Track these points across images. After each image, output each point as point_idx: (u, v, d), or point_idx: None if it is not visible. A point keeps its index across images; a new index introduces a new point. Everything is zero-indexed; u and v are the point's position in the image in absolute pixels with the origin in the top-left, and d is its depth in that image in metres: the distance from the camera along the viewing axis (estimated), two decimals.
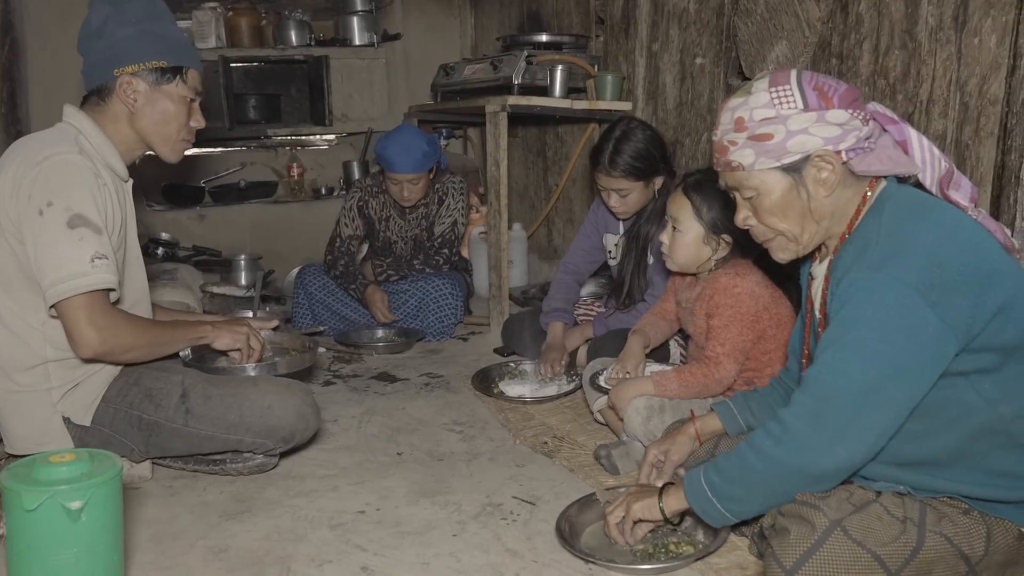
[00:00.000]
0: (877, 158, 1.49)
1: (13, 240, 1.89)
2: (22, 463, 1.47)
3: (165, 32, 2.05)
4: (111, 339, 1.89)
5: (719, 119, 1.56)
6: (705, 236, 2.18)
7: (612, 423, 2.40)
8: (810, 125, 1.46)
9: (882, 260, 1.37)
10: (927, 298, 1.32)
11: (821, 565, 1.34)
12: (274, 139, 5.08)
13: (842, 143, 1.46)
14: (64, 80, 3.59)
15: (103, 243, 1.88)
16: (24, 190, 1.86)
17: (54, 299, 1.84)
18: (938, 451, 1.43)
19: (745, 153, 1.50)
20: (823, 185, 1.49)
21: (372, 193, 3.70)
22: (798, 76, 1.49)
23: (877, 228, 1.44)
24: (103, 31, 2.00)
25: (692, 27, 3.15)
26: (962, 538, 1.40)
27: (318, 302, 3.63)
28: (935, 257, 1.35)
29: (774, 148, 1.48)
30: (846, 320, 1.38)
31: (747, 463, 1.46)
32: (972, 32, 2.03)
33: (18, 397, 1.98)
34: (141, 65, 2.01)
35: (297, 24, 4.91)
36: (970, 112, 2.06)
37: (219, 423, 2.06)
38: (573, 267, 3.08)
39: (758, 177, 1.51)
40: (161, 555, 1.81)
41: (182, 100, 2.07)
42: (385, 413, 2.72)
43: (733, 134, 1.52)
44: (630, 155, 2.65)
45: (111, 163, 2.04)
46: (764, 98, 1.48)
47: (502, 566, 1.76)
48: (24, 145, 1.96)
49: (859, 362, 1.36)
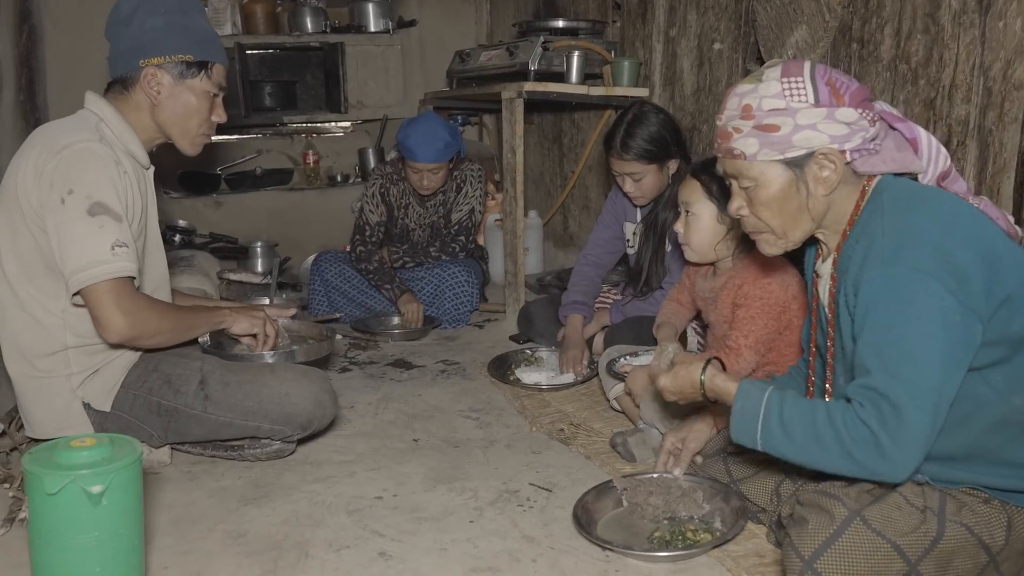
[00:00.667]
0: (881, 159, 1.47)
1: (35, 227, 1.90)
2: (43, 448, 1.49)
3: (194, 25, 2.06)
4: (139, 324, 1.91)
5: (725, 103, 1.53)
6: (719, 215, 2.15)
7: (629, 410, 2.40)
8: (819, 121, 1.43)
9: (893, 253, 1.35)
10: (947, 285, 1.30)
11: (840, 555, 1.33)
12: (290, 126, 5.09)
13: (848, 143, 1.44)
14: (81, 67, 3.61)
15: (123, 231, 1.89)
16: (45, 178, 1.87)
17: (77, 286, 1.86)
18: (955, 446, 1.41)
19: (749, 142, 1.47)
20: (823, 184, 1.46)
21: (392, 180, 3.70)
22: (812, 69, 1.46)
23: (880, 222, 1.42)
24: (132, 19, 2.00)
25: (710, 12, 3.13)
26: (983, 527, 1.39)
27: (334, 289, 3.64)
28: (941, 246, 1.33)
29: (779, 140, 1.45)
30: (881, 323, 1.34)
31: (822, 441, 1.37)
32: (996, 15, 2.00)
33: (39, 383, 2.01)
34: (167, 58, 2.01)
35: (312, 11, 4.90)
36: (994, 97, 2.03)
37: (237, 409, 2.08)
38: (594, 259, 3.06)
39: (759, 168, 1.48)
40: (180, 539, 1.83)
41: (205, 95, 2.08)
42: (401, 400, 2.73)
43: (739, 121, 1.48)
44: (642, 138, 2.64)
45: (132, 151, 2.04)
46: (775, 87, 1.45)
47: (519, 552, 1.76)
48: (45, 133, 1.97)
49: (912, 365, 1.31)
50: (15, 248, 1.94)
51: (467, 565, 1.72)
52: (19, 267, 1.95)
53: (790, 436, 1.42)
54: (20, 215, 1.91)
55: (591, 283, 3.04)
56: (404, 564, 1.72)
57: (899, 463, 1.33)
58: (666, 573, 1.68)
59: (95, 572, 1.45)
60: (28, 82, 2.92)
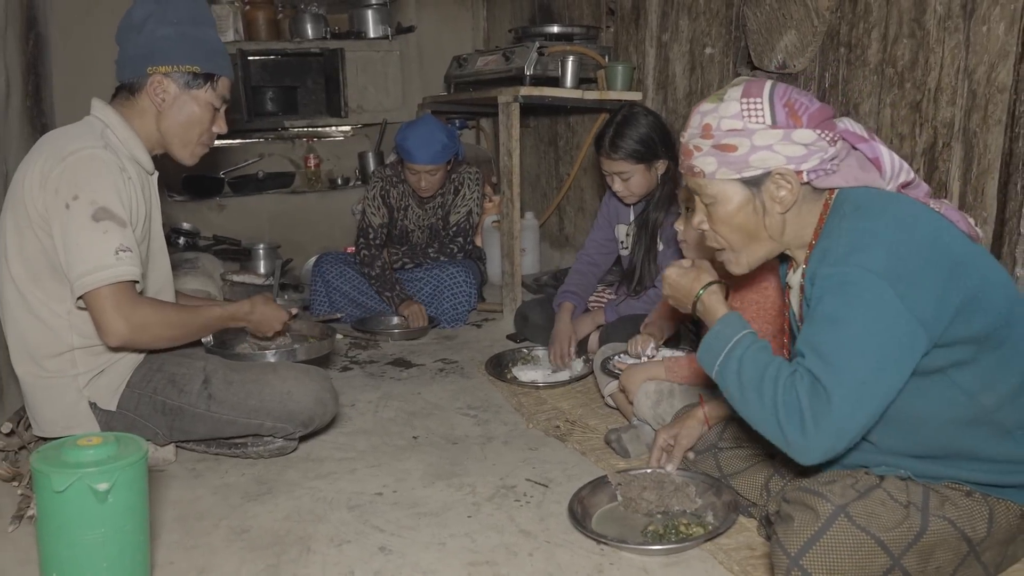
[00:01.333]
0: (842, 178, 1.47)
1: (41, 232, 1.93)
2: (51, 446, 1.51)
3: (204, 37, 2.08)
4: (139, 328, 1.93)
5: (689, 121, 1.54)
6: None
7: (623, 407, 2.43)
8: (775, 142, 1.44)
9: (846, 254, 1.36)
10: (896, 289, 1.31)
11: (825, 551, 1.35)
12: (291, 131, 5.13)
13: (804, 163, 1.45)
14: (87, 73, 3.65)
15: (127, 236, 1.91)
16: (51, 184, 1.89)
17: (81, 291, 1.88)
18: (932, 448, 1.44)
19: (708, 160, 1.49)
20: (779, 203, 1.48)
21: (392, 183, 3.74)
22: (771, 90, 1.47)
23: (838, 226, 1.43)
24: (143, 26, 2.03)
25: (702, 17, 3.17)
26: (965, 520, 1.41)
27: (335, 290, 3.68)
28: (896, 250, 1.34)
29: (736, 160, 1.46)
30: (825, 313, 1.36)
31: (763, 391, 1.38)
32: (980, 20, 2.04)
33: (46, 383, 2.04)
34: (175, 67, 2.04)
35: (313, 17, 4.94)
36: (978, 100, 2.07)
37: (240, 408, 2.11)
38: (589, 259, 3.11)
39: (717, 186, 1.50)
40: (185, 535, 1.85)
41: (208, 106, 2.10)
42: (401, 398, 2.76)
43: (699, 139, 1.50)
44: (631, 138, 2.70)
45: (137, 156, 2.07)
46: (734, 108, 1.46)
47: (516, 546, 1.79)
48: (51, 139, 2.00)
49: (848, 357, 1.32)
50: (22, 252, 1.97)
51: (465, 559, 1.74)
52: (25, 270, 1.97)
53: (740, 376, 1.43)
54: (27, 220, 1.93)
55: (585, 279, 3.09)
56: (404, 558, 1.75)
57: (812, 445, 1.33)
58: (659, 566, 1.70)
59: (102, 568, 1.47)
60: (35, 88, 2.96)
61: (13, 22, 2.65)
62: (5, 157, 2.41)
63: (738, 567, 1.67)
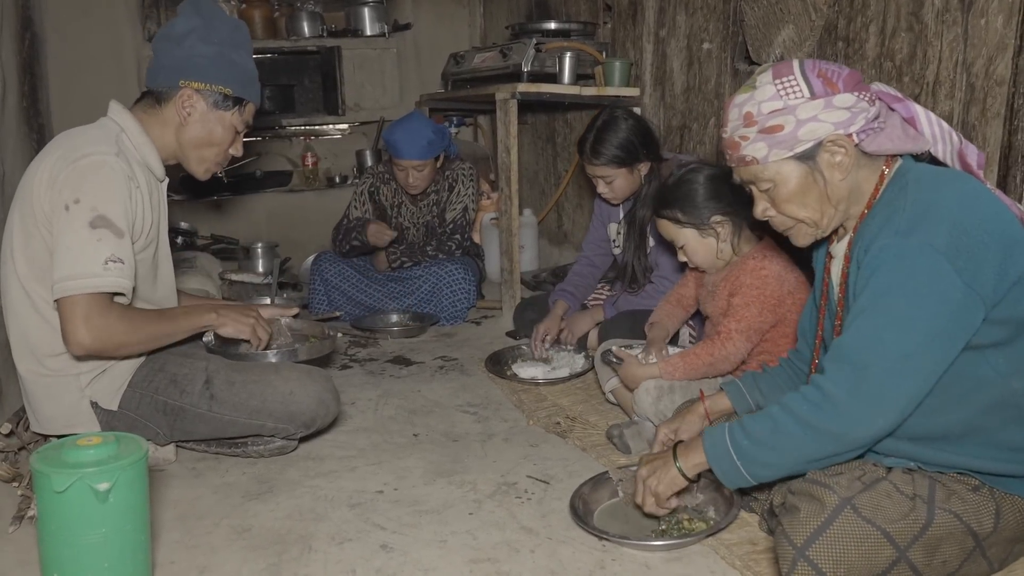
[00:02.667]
0: (888, 137, 1.50)
1: (45, 231, 1.93)
2: (51, 446, 1.51)
3: (241, 62, 2.11)
4: (103, 338, 1.88)
5: (726, 116, 1.57)
6: (701, 234, 2.22)
7: (623, 403, 2.43)
8: (819, 112, 1.47)
9: (910, 226, 1.38)
10: (955, 264, 1.33)
11: (831, 543, 1.35)
12: (288, 129, 5.13)
13: (852, 126, 1.47)
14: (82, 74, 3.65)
15: (122, 247, 1.89)
16: (58, 185, 1.89)
17: (58, 294, 1.85)
18: (950, 425, 1.44)
19: (758, 147, 1.51)
20: (838, 169, 1.50)
21: (383, 180, 3.75)
22: (800, 65, 1.50)
23: (903, 198, 1.44)
24: (184, 40, 2.04)
25: (699, 13, 3.17)
26: (971, 515, 1.41)
27: (334, 288, 3.68)
28: (960, 224, 1.36)
29: (786, 138, 1.49)
30: (878, 287, 1.38)
31: (782, 428, 1.45)
32: (979, 13, 2.04)
33: (48, 381, 2.03)
34: (208, 85, 2.06)
35: (309, 16, 4.94)
36: (976, 93, 2.07)
37: (242, 408, 2.11)
38: (587, 261, 3.13)
39: (773, 168, 1.52)
40: (186, 534, 1.85)
41: (231, 128, 2.13)
42: (401, 396, 2.76)
43: (743, 129, 1.53)
44: (612, 144, 2.72)
45: (149, 162, 2.08)
46: (770, 91, 1.49)
47: (517, 543, 1.79)
48: (65, 140, 1.99)
49: (894, 329, 1.36)
50: (27, 250, 1.96)
51: (467, 556, 1.74)
52: (30, 268, 1.97)
53: (760, 444, 1.48)
54: (33, 218, 1.93)
55: (583, 279, 3.09)
56: (406, 556, 1.75)
57: (860, 416, 1.37)
58: (662, 562, 1.70)
59: (103, 568, 1.47)
60: (31, 88, 2.95)
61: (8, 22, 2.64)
62: (2, 158, 2.40)
63: (740, 562, 1.68)
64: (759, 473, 1.52)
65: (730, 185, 2.16)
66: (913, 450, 1.47)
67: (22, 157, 2.62)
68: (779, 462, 1.49)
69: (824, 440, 1.42)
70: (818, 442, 1.43)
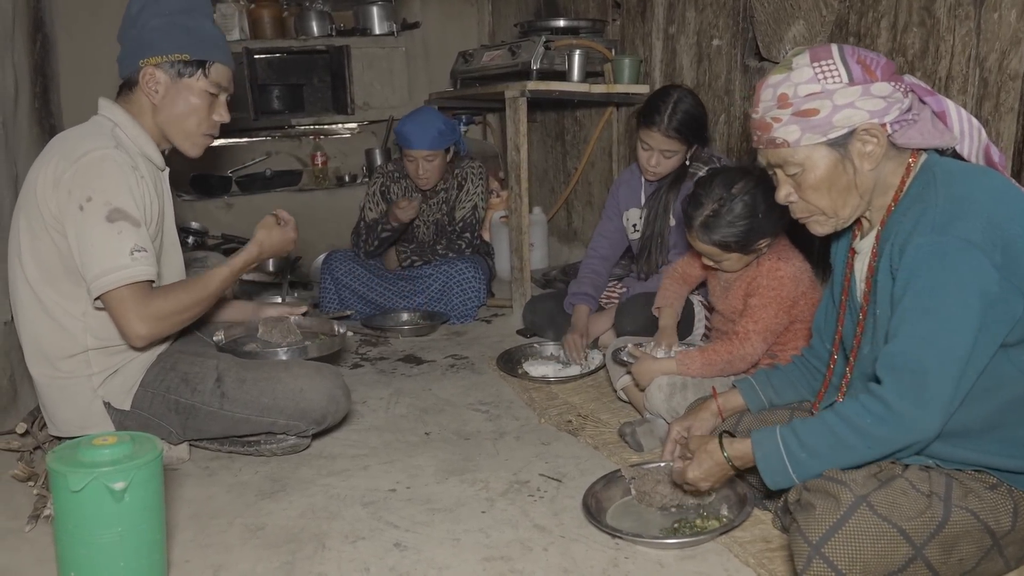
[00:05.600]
0: (919, 131, 1.49)
1: (55, 233, 1.94)
2: (67, 446, 1.52)
3: (194, 24, 2.05)
4: (155, 322, 1.94)
5: (758, 97, 1.54)
6: (745, 253, 2.20)
7: (635, 401, 2.43)
8: (856, 99, 1.45)
9: (945, 222, 1.37)
10: (991, 258, 1.33)
11: (847, 540, 1.35)
12: (298, 128, 5.13)
13: (887, 116, 1.46)
14: (94, 74, 3.66)
15: (141, 235, 1.92)
16: (64, 186, 1.90)
17: (98, 292, 1.88)
18: (970, 421, 1.43)
19: (790, 129, 1.49)
20: (868, 159, 1.48)
21: (394, 178, 3.76)
22: (840, 50, 1.48)
23: (934, 193, 1.43)
24: (137, 20, 2.03)
25: (708, 9, 3.16)
26: (988, 513, 1.40)
27: (345, 287, 3.69)
28: (993, 219, 1.35)
29: (820, 123, 1.47)
30: (922, 289, 1.37)
31: (844, 442, 1.43)
32: (991, 7, 2.03)
33: (61, 383, 2.05)
34: (164, 57, 2.02)
35: (318, 15, 4.94)
36: (990, 88, 2.06)
37: (253, 406, 2.12)
38: (598, 254, 3.11)
39: (803, 153, 1.50)
40: (200, 533, 1.86)
41: (203, 94, 2.07)
42: (412, 394, 2.77)
43: (776, 111, 1.50)
44: (688, 118, 2.72)
45: (148, 153, 2.07)
46: (807, 73, 1.47)
47: (530, 541, 1.79)
48: (62, 141, 2.00)
49: (946, 332, 1.34)
50: (36, 254, 1.97)
51: (480, 554, 1.74)
52: (39, 272, 1.98)
53: (817, 455, 1.46)
54: (40, 221, 1.94)
55: (597, 276, 3.08)
56: (419, 555, 1.75)
57: (922, 425, 1.36)
58: (675, 560, 1.70)
59: (119, 566, 1.48)
60: (43, 90, 2.96)
61: (21, 23, 2.65)
62: (15, 159, 2.42)
63: (754, 560, 1.68)
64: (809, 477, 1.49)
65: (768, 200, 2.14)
66: (932, 447, 1.45)
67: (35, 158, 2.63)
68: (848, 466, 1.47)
69: (887, 450, 1.42)
70: (881, 452, 1.42)
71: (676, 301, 2.48)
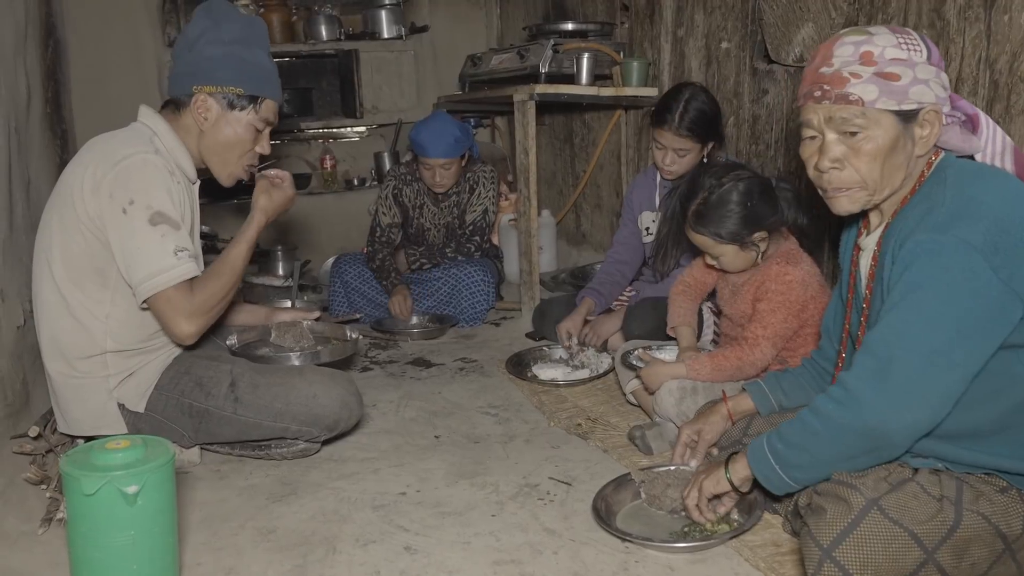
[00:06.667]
0: (954, 133, 1.49)
1: (89, 234, 1.96)
2: (80, 450, 1.53)
3: (251, 59, 2.10)
4: (202, 319, 2.00)
5: (831, 52, 1.47)
6: (741, 248, 2.20)
7: (645, 404, 2.43)
8: (931, 78, 1.44)
9: (948, 222, 1.36)
10: (991, 261, 1.32)
11: (858, 544, 1.34)
12: (307, 132, 5.15)
13: (945, 106, 1.46)
14: (104, 80, 3.69)
15: (182, 237, 1.96)
16: (104, 189, 1.93)
17: (145, 294, 1.93)
18: (979, 423, 1.42)
19: (869, 88, 1.43)
20: (923, 142, 1.47)
21: (406, 181, 3.76)
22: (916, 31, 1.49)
23: (942, 191, 1.42)
24: (195, 45, 2.06)
25: (717, 11, 3.16)
26: (999, 516, 1.40)
27: (354, 290, 3.70)
28: (1000, 222, 1.34)
29: (899, 90, 1.43)
30: (910, 283, 1.37)
31: (810, 428, 1.45)
32: (1001, 9, 2.03)
33: (77, 383, 2.06)
34: (219, 88, 2.06)
35: (327, 19, 4.96)
36: (1000, 90, 2.05)
37: (266, 411, 2.13)
38: (618, 258, 3.11)
39: (874, 115, 1.44)
40: (212, 536, 1.87)
41: (250, 128, 2.12)
42: (422, 397, 2.77)
43: (857, 66, 1.44)
44: (702, 116, 2.72)
45: (182, 165, 2.10)
46: (891, 39, 1.44)
47: (540, 544, 1.79)
48: (101, 144, 2.03)
49: (921, 324, 1.34)
50: (65, 253, 2.00)
51: (490, 558, 1.75)
52: (67, 272, 2.00)
53: (791, 445, 1.48)
54: (75, 221, 1.96)
55: (612, 278, 3.08)
56: (429, 558, 1.75)
57: (879, 411, 1.36)
58: (685, 564, 1.70)
59: (132, 570, 1.49)
60: (55, 95, 2.99)
61: (33, 29, 2.68)
62: (27, 163, 2.43)
63: (764, 564, 1.67)
64: (798, 476, 1.51)
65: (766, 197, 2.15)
66: (941, 448, 1.45)
67: (46, 162, 2.65)
68: (812, 463, 1.48)
69: (850, 437, 1.41)
70: (845, 440, 1.42)
71: (689, 317, 2.46)
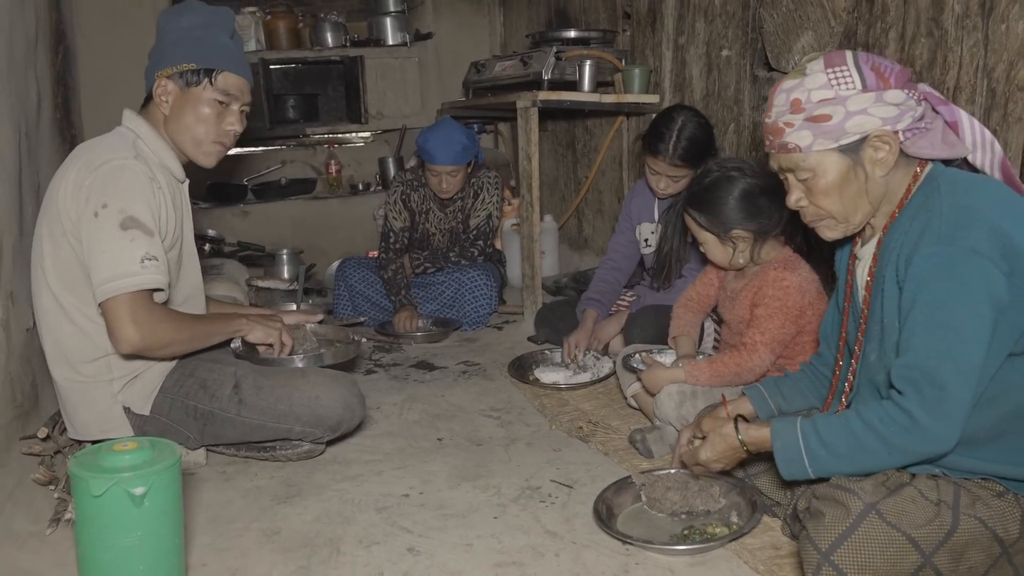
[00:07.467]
0: (930, 141, 1.49)
1: (73, 240, 1.97)
2: (88, 451, 1.54)
3: (206, 37, 2.09)
4: (149, 336, 1.94)
5: (771, 101, 1.55)
6: (720, 240, 2.24)
7: (645, 408, 2.45)
8: (869, 105, 1.45)
9: (951, 232, 1.37)
10: (999, 267, 1.33)
11: (856, 547, 1.36)
12: (312, 137, 5.19)
13: (899, 123, 1.46)
14: (114, 84, 3.71)
15: (154, 245, 1.94)
16: (83, 193, 1.94)
17: (102, 297, 1.90)
18: (975, 430, 1.43)
19: (802, 135, 1.50)
20: (880, 165, 1.49)
21: (412, 186, 3.79)
22: (854, 57, 1.49)
23: (939, 202, 1.43)
24: (160, 36, 2.10)
25: (718, 19, 3.18)
26: (996, 521, 1.41)
27: (358, 294, 3.72)
28: (999, 228, 1.35)
29: (832, 129, 1.47)
30: (932, 300, 1.37)
31: (867, 447, 1.43)
32: (999, 18, 2.04)
33: (82, 387, 2.08)
34: (174, 68, 2.06)
35: (332, 26, 5.00)
36: (997, 98, 2.06)
37: (270, 413, 2.14)
38: (613, 264, 3.13)
39: (815, 158, 1.51)
40: (218, 537, 1.88)
41: (211, 103, 2.09)
42: (425, 400, 2.79)
43: (789, 116, 1.51)
44: (694, 145, 2.73)
45: (168, 165, 2.11)
46: (821, 79, 1.48)
47: (542, 547, 1.81)
48: (85, 150, 2.04)
49: (960, 344, 1.35)
50: (56, 260, 2.01)
51: (492, 560, 1.76)
52: (60, 278, 2.02)
53: (835, 453, 1.47)
54: (60, 229, 1.98)
55: (609, 285, 3.10)
56: (432, 559, 1.77)
57: (943, 437, 1.37)
58: (685, 566, 1.71)
59: (139, 570, 1.50)
60: (64, 100, 3.01)
61: (43, 35, 2.70)
62: (37, 168, 2.46)
63: (763, 567, 1.68)
64: (822, 473, 1.51)
65: (761, 201, 2.18)
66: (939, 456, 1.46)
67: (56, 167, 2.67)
68: (848, 471, 1.48)
69: (907, 459, 1.43)
70: (901, 461, 1.44)
71: (691, 329, 2.47)
